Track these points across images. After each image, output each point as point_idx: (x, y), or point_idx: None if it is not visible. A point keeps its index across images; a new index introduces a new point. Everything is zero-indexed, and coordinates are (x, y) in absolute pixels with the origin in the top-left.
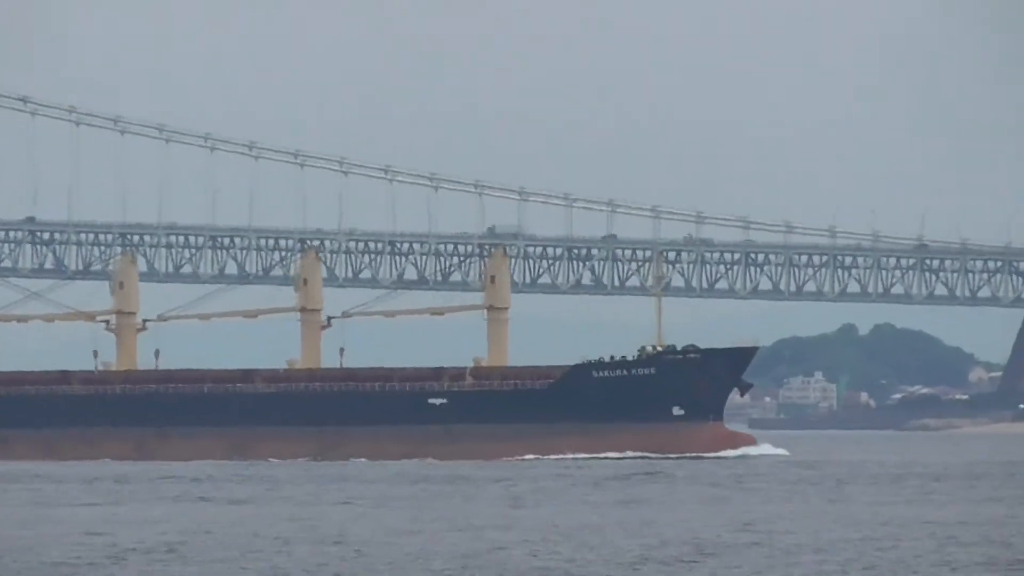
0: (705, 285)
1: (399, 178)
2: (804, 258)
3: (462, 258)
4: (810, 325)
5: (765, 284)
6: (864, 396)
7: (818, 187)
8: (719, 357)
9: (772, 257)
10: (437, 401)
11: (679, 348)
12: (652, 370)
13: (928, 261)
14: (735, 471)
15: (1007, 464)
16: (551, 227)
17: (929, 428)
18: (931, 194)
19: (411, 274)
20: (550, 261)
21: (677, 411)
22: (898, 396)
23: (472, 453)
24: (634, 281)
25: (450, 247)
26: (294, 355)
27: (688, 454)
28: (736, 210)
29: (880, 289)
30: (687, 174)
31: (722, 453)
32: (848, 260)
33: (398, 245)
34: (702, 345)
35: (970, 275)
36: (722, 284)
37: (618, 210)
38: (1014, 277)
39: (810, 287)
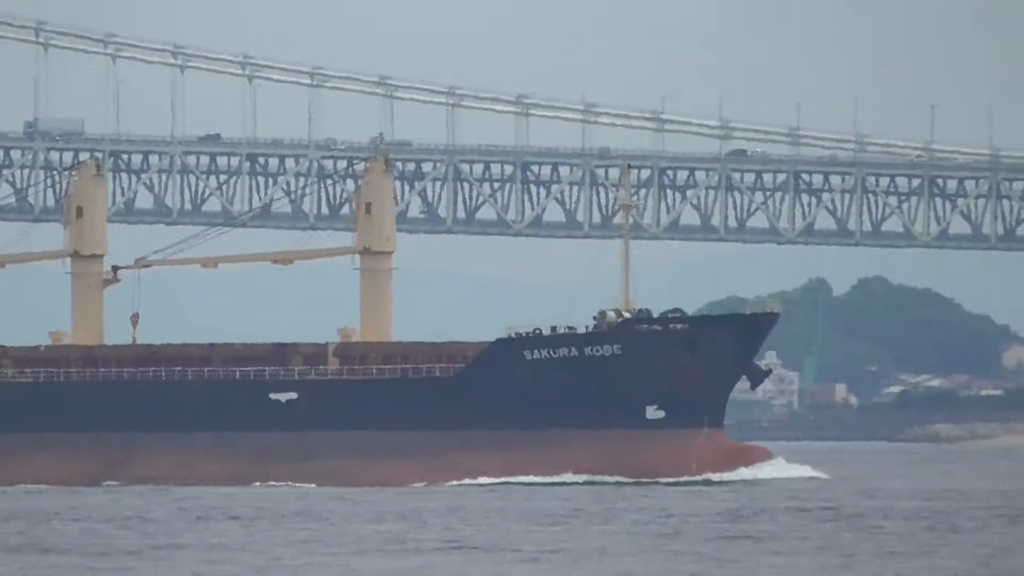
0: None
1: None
2: (747, 177)
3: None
4: (758, 279)
5: (689, 216)
6: (841, 390)
7: (770, 72)
8: (719, 328)
9: (701, 176)
10: (282, 396)
11: (656, 314)
12: (616, 348)
13: (940, 182)
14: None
15: None
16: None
17: (940, 439)
18: (945, 82)
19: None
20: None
21: (654, 412)
22: (894, 390)
23: (334, 477)
24: (760, 219)
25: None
26: (62, 324)
27: (671, 478)
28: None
29: (866, 225)
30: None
31: (723, 475)
32: (817, 179)
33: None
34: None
35: (1006, 202)
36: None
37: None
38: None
39: (758, 220)
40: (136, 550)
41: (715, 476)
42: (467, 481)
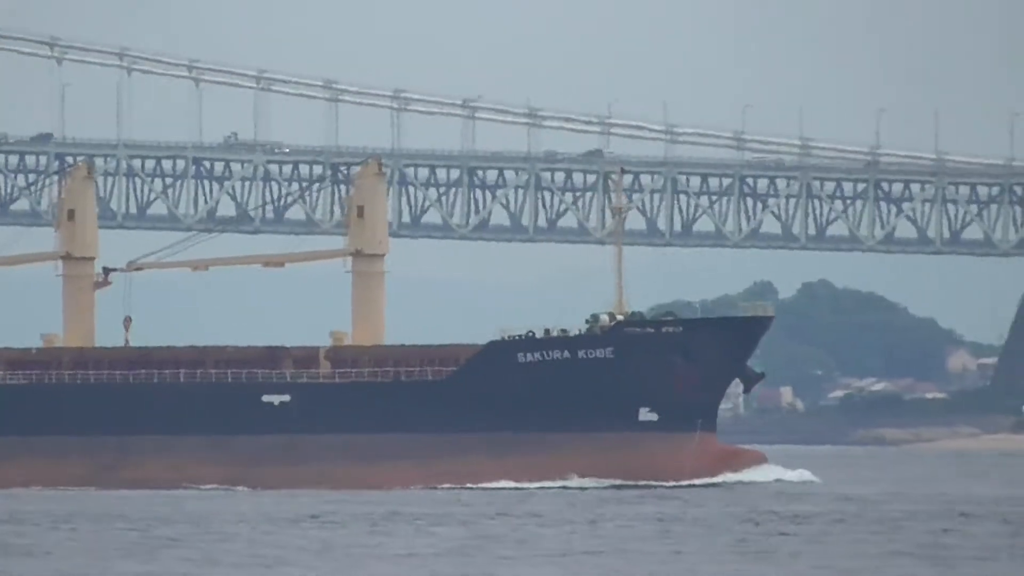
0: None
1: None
2: (692, 180)
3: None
4: (702, 283)
5: (635, 220)
6: (786, 394)
7: (716, 76)
8: (712, 331)
9: (647, 179)
10: (275, 399)
11: (649, 316)
12: (608, 351)
13: (885, 185)
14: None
15: None
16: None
17: (886, 442)
18: (891, 86)
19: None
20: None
21: (646, 414)
22: (839, 394)
23: (327, 480)
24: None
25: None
26: (53, 327)
27: (664, 482)
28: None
29: (811, 229)
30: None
31: (717, 478)
32: (762, 184)
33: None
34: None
35: (950, 206)
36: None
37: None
38: (1018, 210)
39: (703, 224)
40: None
41: (712, 479)
42: (458, 486)
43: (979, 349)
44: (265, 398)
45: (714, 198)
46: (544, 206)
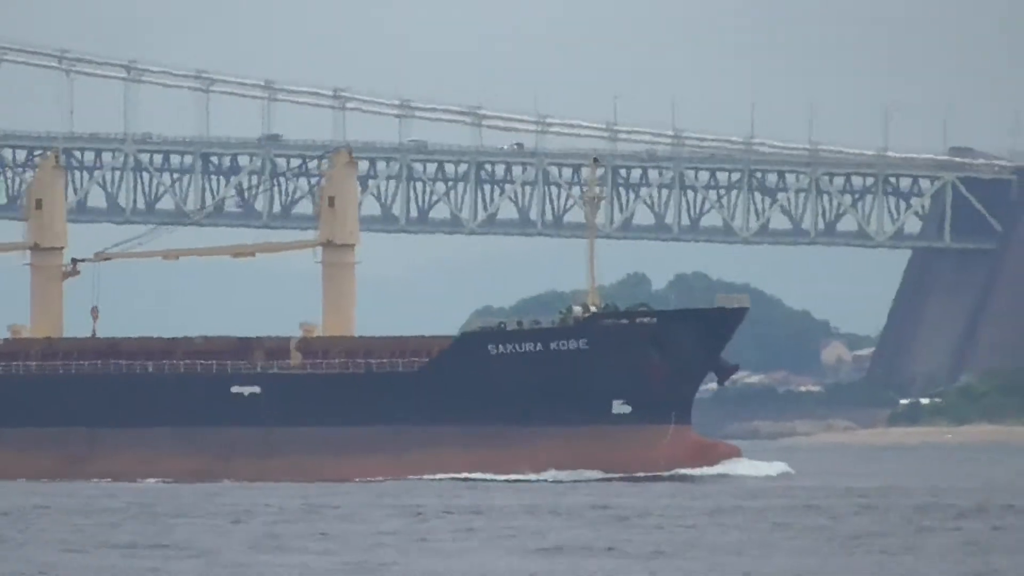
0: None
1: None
2: (563, 171)
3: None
4: (576, 273)
5: (507, 210)
6: None
7: (587, 67)
8: (686, 323)
9: (517, 171)
10: (245, 390)
11: (623, 308)
12: (582, 343)
13: (759, 175)
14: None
15: None
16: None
17: (760, 435)
18: (766, 77)
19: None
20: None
21: (620, 407)
22: (712, 386)
23: (298, 472)
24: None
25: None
26: (20, 318)
27: (639, 473)
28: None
29: (684, 219)
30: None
31: (692, 470)
32: (634, 173)
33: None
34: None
35: (825, 197)
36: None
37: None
38: (892, 201)
39: (575, 215)
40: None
41: (689, 471)
42: (431, 477)
43: (855, 341)
44: (235, 389)
45: (586, 189)
46: (416, 197)
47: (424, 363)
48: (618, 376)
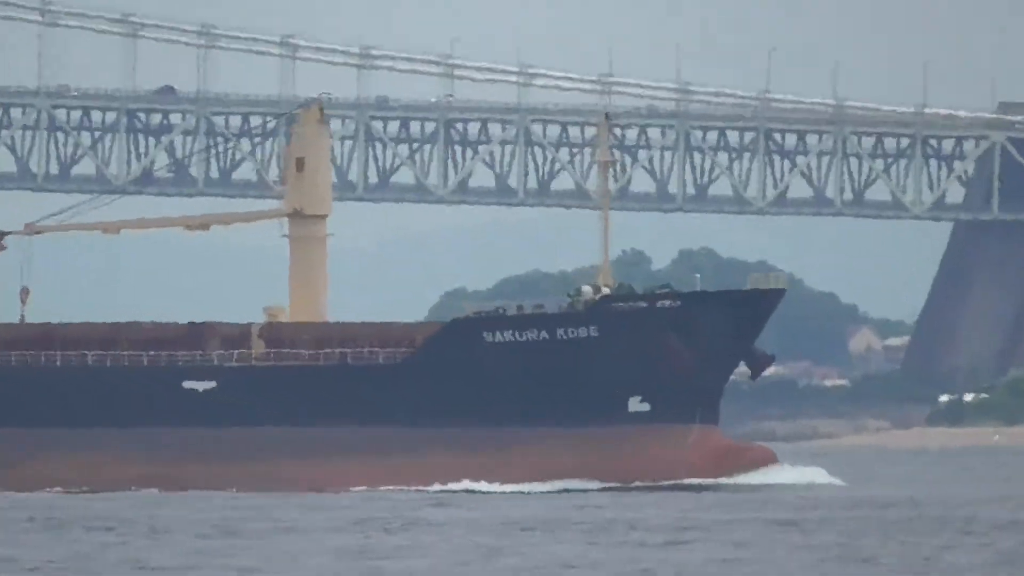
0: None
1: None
2: (548, 130)
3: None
4: (564, 251)
5: (483, 176)
6: None
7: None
8: (714, 306)
9: (495, 129)
10: (199, 385)
11: (640, 291)
12: (592, 330)
13: (777, 135)
14: None
15: None
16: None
17: (776, 437)
18: (780, 26)
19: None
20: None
21: (637, 404)
22: None
23: (262, 479)
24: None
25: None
26: None
27: (661, 481)
28: None
29: (689, 188)
30: None
31: (725, 478)
32: (631, 133)
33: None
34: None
35: (853, 161)
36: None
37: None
38: (931, 165)
39: (563, 182)
40: None
41: (719, 479)
42: (416, 488)
43: (887, 328)
44: (187, 384)
45: (575, 151)
46: (375, 159)
47: (408, 353)
48: (634, 369)
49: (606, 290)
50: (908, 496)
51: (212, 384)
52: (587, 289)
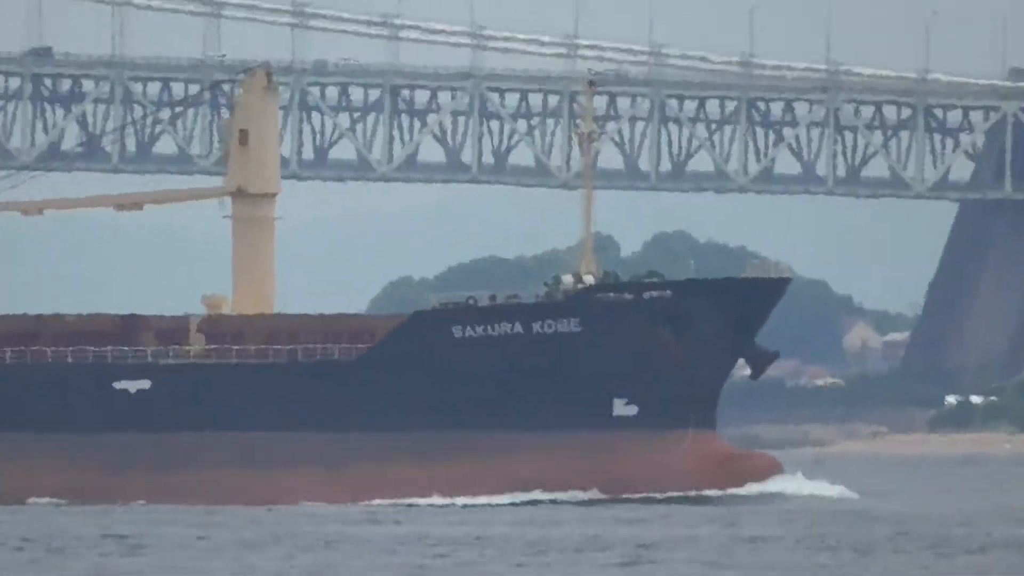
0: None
1: None
2: (507, 98)
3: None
4: (522, 234)
5: (431, 151)
6: None
7: None
8: (711, 297)
9: (445, 98)
10: (131, 385)
11: (627, 279)
12: (574, 323)
13: (761, 104)
14: None
15: None
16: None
17: (761, 444)
18: None
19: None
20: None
21: (623, 407)
22: None
23: (205, 492)
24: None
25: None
26: None
27: (652, 493)
28: None
29: (664, 163)
30: None
31: (723, 489)
32: (600, 102)
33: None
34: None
35: (847, 133)
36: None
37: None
38: (935, 139)
39: (521, 156)
40: None
41: (721, 491)
42: (379, 501)
43: (885, 321)
44: (118, 384)
45: (534, 122)
46: (312, 132)
47: (366, 349)
48: (621, 367)
49: (589, 279)
50: (938, 513)
51: (146, 384)
52: (567, 278)
